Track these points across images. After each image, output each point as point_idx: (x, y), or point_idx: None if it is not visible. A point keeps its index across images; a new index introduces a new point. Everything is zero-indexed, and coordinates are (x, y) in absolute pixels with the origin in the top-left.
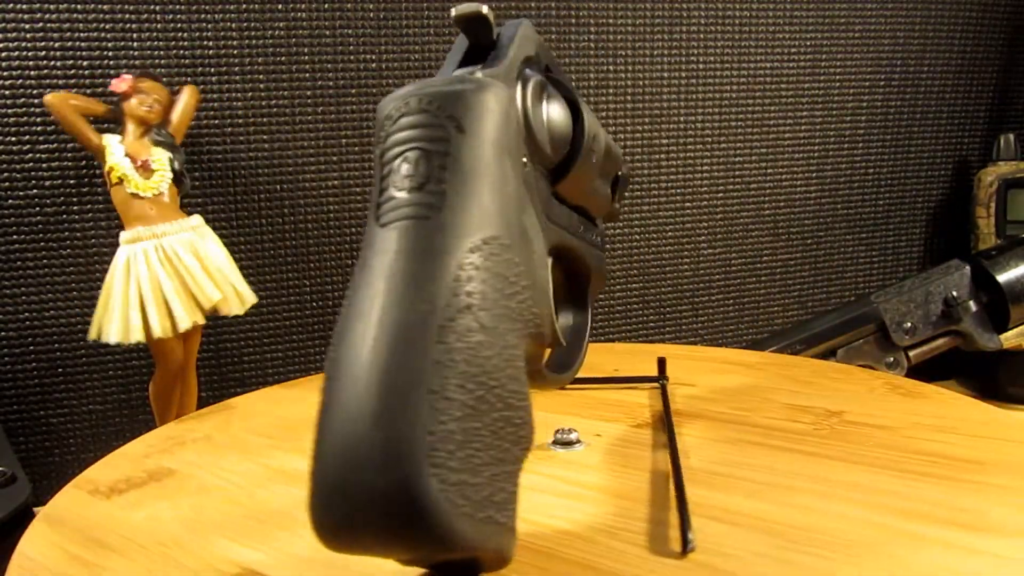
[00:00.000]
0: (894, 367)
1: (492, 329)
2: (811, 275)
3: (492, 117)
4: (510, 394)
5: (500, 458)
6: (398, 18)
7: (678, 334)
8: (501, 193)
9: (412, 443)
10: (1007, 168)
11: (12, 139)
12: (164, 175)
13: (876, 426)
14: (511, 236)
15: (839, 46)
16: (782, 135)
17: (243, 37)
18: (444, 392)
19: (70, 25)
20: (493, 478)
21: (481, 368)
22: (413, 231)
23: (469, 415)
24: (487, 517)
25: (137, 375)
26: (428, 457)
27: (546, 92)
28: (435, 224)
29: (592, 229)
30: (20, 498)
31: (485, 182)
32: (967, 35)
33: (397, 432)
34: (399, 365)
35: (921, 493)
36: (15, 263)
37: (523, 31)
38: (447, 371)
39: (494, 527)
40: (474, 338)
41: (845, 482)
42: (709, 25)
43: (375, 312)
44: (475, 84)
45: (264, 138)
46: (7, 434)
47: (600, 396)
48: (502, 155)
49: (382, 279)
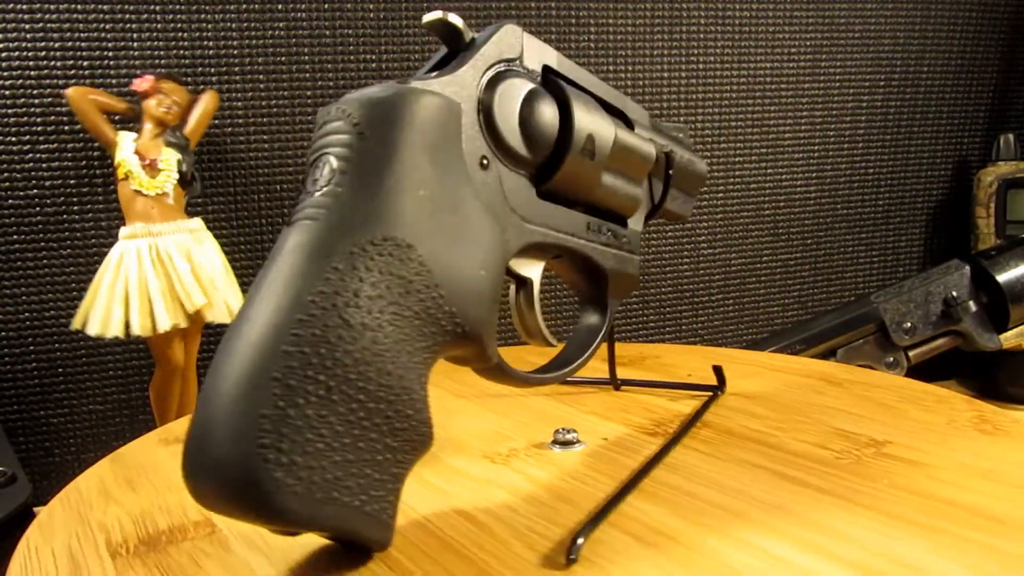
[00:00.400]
0: (894, 367)
1: (359, 325)
2: (811, 275)
3: (402, 123)
4: (379, 388)
5: (360, 447)
6: (398, 18)
7: (678, 334)
8: (408, 196)
9: (247, 423)
10: (1007, 168)
11: (12, 139)
12: (170, 175)
13: (912, 462)
14: (416, 237)
15: (839, 46)
16: (782, 135)
17: (243, 37)
18: (286, 379)
19: (70, 25)
20: (347, 464)
21: (336, 360)
22: (303, 231)
23: (315, 403)
24: (330, 499)
25: (137, 375)
26: (258, 437)
27: (523, 92)
28: (323, 225)
29: (613, 230)
30: (20, 498)
31: (384, 186)
32: (967, 35)
33: (238, 412)
34: (252, 353)
35: (920, 558)
36: (15, 263)
37: (500, 35)
38: (293, 361)
39: (345, 510)
40: (333, 332)
41: (824, 527)
42: (709, 25)
43: (253, 304)
44: (389, 91)
45: (264, 138)
46: (7, 434)
47: (643, 399)
48: (416, 159)
49: (269, 274)
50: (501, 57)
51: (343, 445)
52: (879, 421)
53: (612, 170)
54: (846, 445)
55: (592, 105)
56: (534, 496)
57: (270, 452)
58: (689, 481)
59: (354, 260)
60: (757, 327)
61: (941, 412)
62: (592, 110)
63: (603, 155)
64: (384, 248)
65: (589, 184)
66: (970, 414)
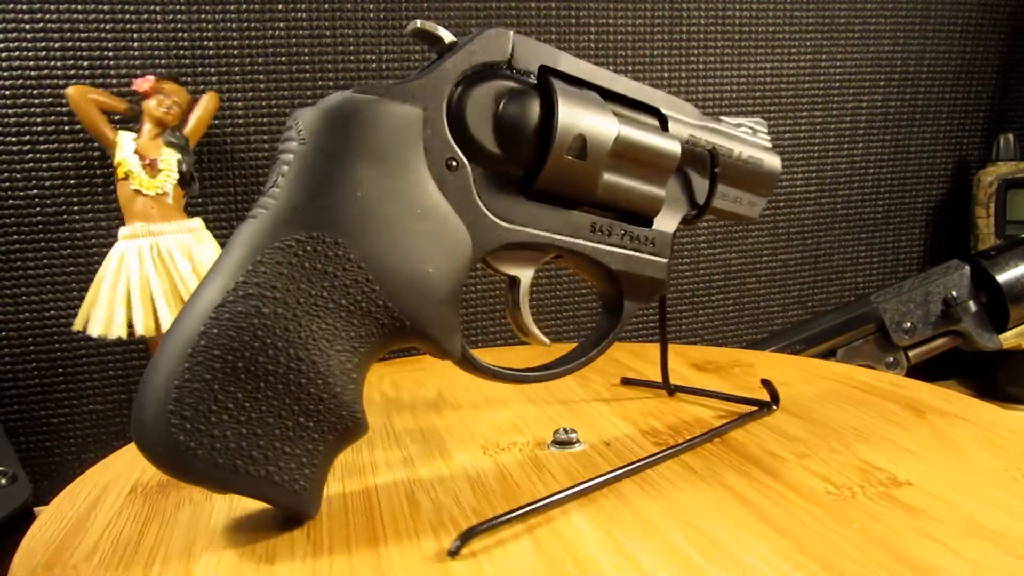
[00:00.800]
0: (894, 367)
1: (271, 314)
2: (811, 275)
3: (337, 130)
4: (289, 371)
5: (268, 423)
6: (398, 18)
7: (678, 334)
8: (340, 197)
9: (164, 392)
10: (1007, 168)
11: (12, 139)
12: (170, 175)
13: (915, 510)
14: (347, 235)
15: (839, 46)
16: (782, 135)
17: (243, 37)
18: (197, 356)
19: (70, 25)
20: (253, 436)
21: (245, 343)
22: (245, 227)
23: (220, 379)
24: (233, 466)
25: (137, 375)
26: (168, 405)
27: (498, 94)
28: (258, 222)
29: (629, 231)
30: (21, 498)
31: (317, 188)
32: (967, 35)
33: (160, 382)
34: (179, 331)
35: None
36: (15, 263)
37: (481, 39)
38: (207, 340)
39: (250, 479)
40: (246, 320)
41: (746, 567)
42: (709, 25)
43: (197, 291)
44: (334, 101)
45: (264, 138)
46: (7, 434)
47: (691, 409)
48: (351, 163)
49: (215, 264)
50: (483, 60)
51: (248, 419)
52: (922, 459)
53: (619, 169)
54: (855, 480)
55: (592, 103)
56: (488, 489)
57: (175, 418)
58: (648, 499)
59: (277, 255)
60: (757, 327)
61: (1011, 458)
62: (590, 108)
63: (599, 154)
64: (309, 244)
65: (586, 184)
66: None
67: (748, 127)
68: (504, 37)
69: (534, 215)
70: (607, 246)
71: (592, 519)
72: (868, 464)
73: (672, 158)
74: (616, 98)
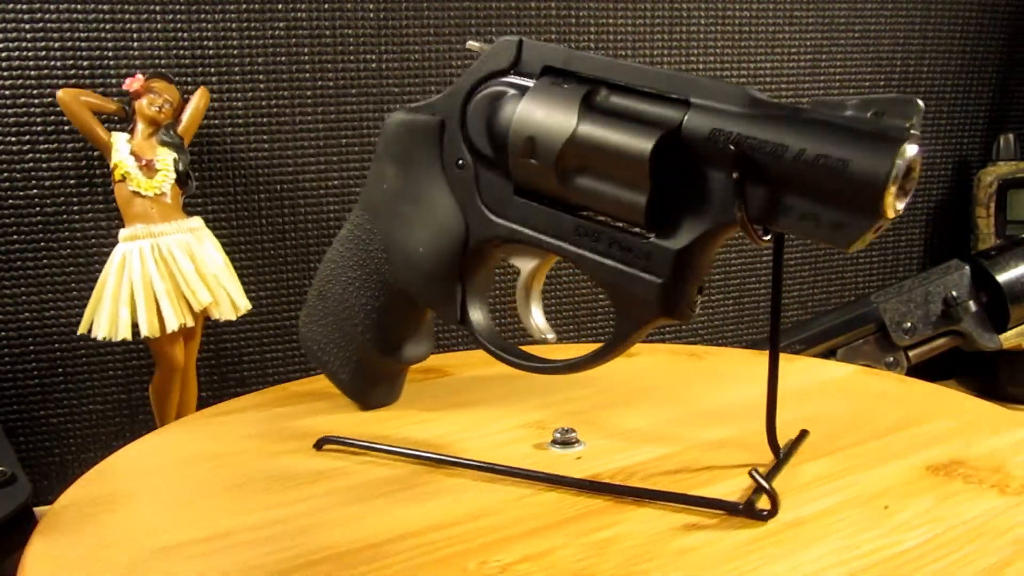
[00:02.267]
0: (894, 367)
1: (335, 268)
2: (811, 275)
3: (382, 137)
4: (335, 302)
5: (329, 331)
6: (398, 18)
7: (678, 334)
8: (373, 189)
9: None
10: (1007, 168)
11: (12, 139)
12: (167, 175)
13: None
14: (375, 217)
15: (839, 46)
16: None
17: (243, 37)
18: (312, 292)
19: (70, 25)
20: (324, 337)
21: (324, 286)
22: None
23: (316, 298)
24: (320, 351)
25: (137, 375)
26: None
27: (489, 99)
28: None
29: (620, 240)
30: (20, 498)
31: (370, 180)
32: (967, 35)
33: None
34: (316, 281)
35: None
36: (15, 263)
37: (491, 50)
38: (315, 285)
39: (327, 366)
40: (325, 271)
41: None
42: (709, 25)
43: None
44: (390, 115)
45: (264, 138)
46: (7, 434)
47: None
48: (381, 163)
49: None
50: (490, 69)
51: (322, 326)
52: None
53: (591, 172)
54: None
55: (558, 103)
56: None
57: (307, 324)
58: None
59: (347, 229)
60: (757, 327)
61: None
62: (553, 108)
63: (548, 155)
64: (360, 223)
65: (549, 186)
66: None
67: (857, 110)
68: (509, 44)
69: (523, 213)
70: (591, 253)
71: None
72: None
73: (637, 159)
74: (628, 92)
